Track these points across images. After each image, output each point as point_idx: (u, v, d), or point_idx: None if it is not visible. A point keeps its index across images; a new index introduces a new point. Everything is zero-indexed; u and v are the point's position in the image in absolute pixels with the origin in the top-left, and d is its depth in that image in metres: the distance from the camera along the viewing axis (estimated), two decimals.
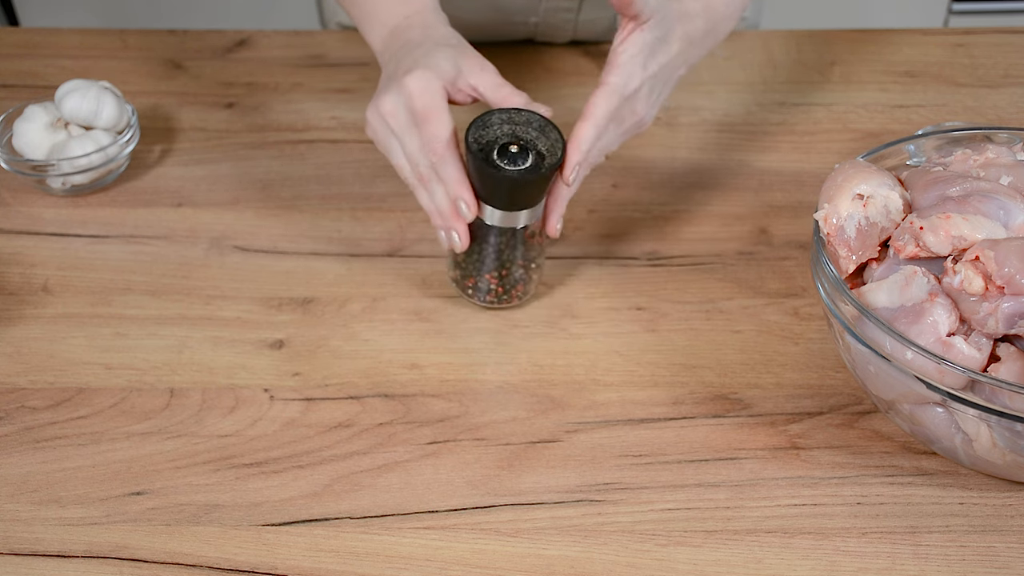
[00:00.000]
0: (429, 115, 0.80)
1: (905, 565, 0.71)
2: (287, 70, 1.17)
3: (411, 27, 0.87)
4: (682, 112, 1.10)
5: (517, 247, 0.86)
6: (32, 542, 0.73)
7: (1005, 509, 0.74)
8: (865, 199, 0.75)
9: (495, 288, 0.87)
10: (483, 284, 0.87)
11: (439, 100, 0.81)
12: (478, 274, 0.87)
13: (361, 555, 0.72)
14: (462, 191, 0.81)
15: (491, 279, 0.87)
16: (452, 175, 0.81)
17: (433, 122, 0.80)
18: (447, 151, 0.80)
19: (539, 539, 0.73)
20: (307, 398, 0.83)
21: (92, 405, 0.82)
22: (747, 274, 0.92)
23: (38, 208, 1.00)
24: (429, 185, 0.82)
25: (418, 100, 0.80)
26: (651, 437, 0.79)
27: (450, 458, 0.78)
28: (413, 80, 0.80)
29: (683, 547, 0.72)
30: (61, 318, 0.89)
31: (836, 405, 0.81)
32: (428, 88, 0.80)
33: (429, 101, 0.80)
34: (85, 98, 0.99)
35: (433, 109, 0.80)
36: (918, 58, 1.17)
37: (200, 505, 0.75)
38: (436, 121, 0.80)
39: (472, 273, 0.87)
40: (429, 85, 0.80)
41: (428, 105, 0.80)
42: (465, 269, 0.88)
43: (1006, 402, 0.66)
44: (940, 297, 0.70)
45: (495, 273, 0.87)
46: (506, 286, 0.87)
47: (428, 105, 0.80)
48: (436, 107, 0.80)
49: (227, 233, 0.97)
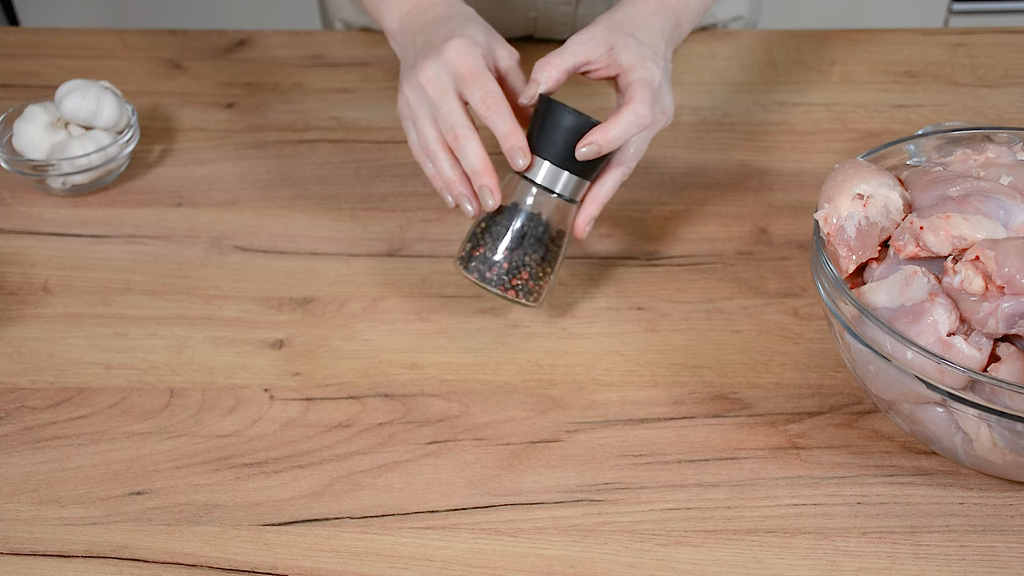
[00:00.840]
0: (476, 74, 0.80)
1: (905, 565, 0.71)
2: (287, 70, 1.17)
3: (435, 4, 0.87)
4: (682, 112, 1.10)
5: (541, 235, 0.83)
6: (32, 542, 0.73)
7: (1005, 509, 0.74)
8: (865, 199, 0.75)
9: (504, 268, 0.83)
10: (494, 259, 0.83)
11: (482, 63, 0.81)
12: (492, 250, 0.83)
13: (361, 555, 0.72)
14: (516, 138, 0.80)
15: (504, 260, 0.83)
16: (505, 127, 0.80)
17: (482, 78, 0.80)
18: (502, 103, 0.80)
19: (539, 539, 0.73)
20: (307, 398, 0.83)
21: (92, 405, 0.82)
22: (747, 274, 0.92)
23: (38, 208, 1.00)
24: (462, 144, 0.80)
25: (462, 63, 0.80)
26: (651, 437, 0.79)
27: (450, 458, 0.78)
28: (453, 47, 0.81)
29: (683, 547, 0.72)
30: (61, 318, 0.89)
31: (836, 405, 0.81)
32: (471, 53, 0.81)
33: (474, 63, 0.81)
34: (85, 98, 0.99)
35: (478, 69, 0.81)
36: (918, 58, 1.17)
37: (200, 505, 0.75)
38: (484, 77, 0.80)
39: (485, 246, 0.83)
40: (471, 51, 0.81)
41: (473, 67, 0.80)
42: (480, 241, 0.83)
43: (1006, 402, 0.66)
44: (940, 297, 0.70)
45: (508, 253, 0.83)
46: (514, 268, 0.83)
47: (473, 67, 0.80)
48: (481, 68, 0.81)
49: (227, 233, 0.97)
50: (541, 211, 0.83)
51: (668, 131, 1.07)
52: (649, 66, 0.83)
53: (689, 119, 1.09)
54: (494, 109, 0.80)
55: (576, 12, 1.15)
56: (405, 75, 0.84)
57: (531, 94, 0.82)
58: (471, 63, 0.81)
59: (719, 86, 1.14)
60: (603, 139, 0.80)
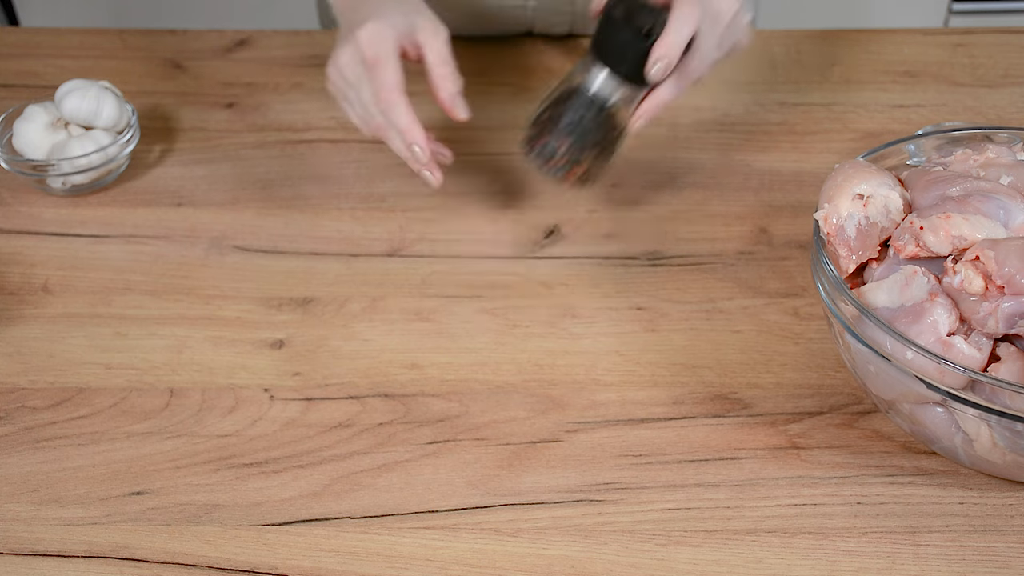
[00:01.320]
0: (378, 61, 0.83)
1: (905, 565, 0.71)
2: (287, 70, 1.17)
3: None
4: (682, 112, 1.10)
5: (600, 127, 0.88)
6: (32, 542, 0.73)
7: (1005, 509, 0.74)
8: (865, 199, 0.75)
9: (563, 153, 0.88)
10: (552, 146, 0.88)
11: (389, 48, 0.83)
12: (552, 136, 0.88)
13: (361, 555, 0.72)
14: (415, 136, 0.84)
15: (560, 144, 0.88)
16: (403, 122, 0.83)
17: (381, 68, 0.83)
18: (396, 96, 0.83)
19: (539, 539, 0.73)
20: (307, 398, 0.83)
21: (92, 405, 0.82)
22: (747, 274, 0.92)
23: (38, 208, 1.00)
24: (387, 133, 0.85)
25: (368, 49, 0.83)
26: (651, 437, 0.79)
27: (450, 458, 0.78)
28: (364, 31, 0.83)
29: (683, 547, 0.72)
30: (61, 318, 0.89)
31: (836, 405, 0.81)
32: (379, 37, 0.83)
33: (379, 49, 0.83)
34: (85, 98, 0.99)
35: (382, 56, 0.83)
36: (918, 58, 1.17)
37: (200, 505, 0.75)
38: (384, 67, 0.83)
39: (546, 133, 0.88)
40: (380, 35, 0.83)
41: (378, 53, 0.83)
42: (542, 128, 0.89)
43: (1006, 402, 0.66)
44: (940, 297, 0.70)
45: (567, 140, 0.88)
46: (572, 156, 0.88)
47: (378, 53, 0.83)
48: (385, 54, 0.83)
49: (227, 233, 0.97)
50: (604, 101, 0.86)
51: (668, 131, 1.07)
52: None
53: (689, 119, 1.09)
54: (387, 103, 0.83)
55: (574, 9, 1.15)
56: (334, 51, 0.87)
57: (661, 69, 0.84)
58: (376, 48, 0.83)
59: (719, 86, 1.14)
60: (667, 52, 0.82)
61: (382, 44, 0.83)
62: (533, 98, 1.12)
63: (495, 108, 1.10)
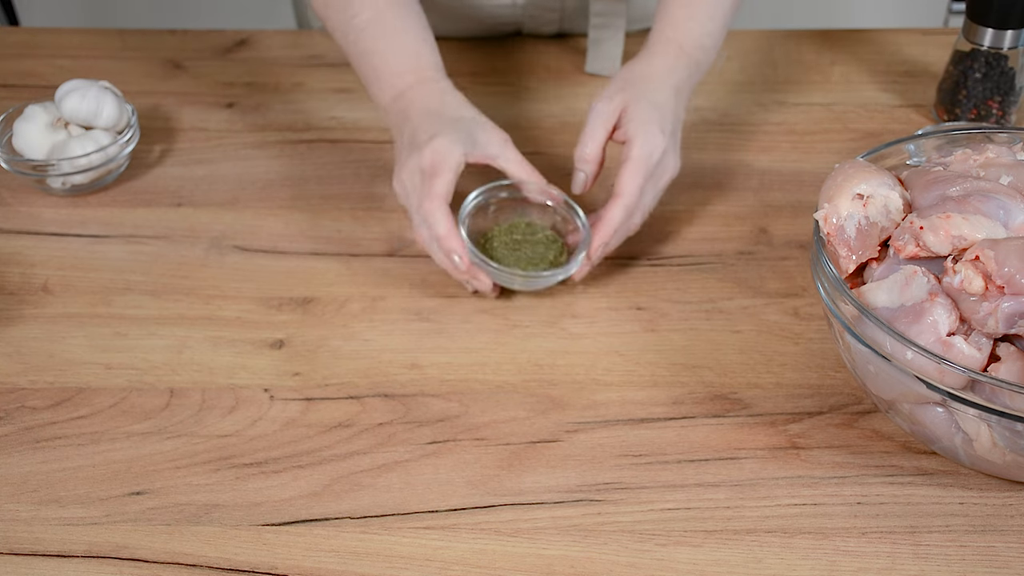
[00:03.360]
0: (436, 172, 0.85)
1: (905, 565, 0.71)
2: (287, 70, 1.17)
3: (429, 92, 0.91)
4: None
5: None
6: (32, 542, 0.73)
7: (1005, 509, 0.74)
8: (865, 199, 0.75)
9: None
10: None
11: (452, 163, 0.86)
12: None
13: (361, 555, 0.72)
14: (453, 244, 0.85)
15: None
16: (441, 229, 0.85)
17: (436, 178, 0.85)
18: (438, 204, 0.85)
19: (539, 539, 0.73)
20: (307, 398, 0.83)
21: (92, 405, 0.82)
22: (747, 274, 0.92)
23: (38, 208, 1.00)
24: (430, 246, 0.87)
25: (429, 160, 0.86)
26: (651, 437, 0.79)
27: (450, 458, 0.78)
28: (431, 146, 0.86)
29: (683, 547, 0.72)
30: (61, 318, 0.89)
31: (836, 405, 0.81)
32: (443, 151, 0.86)
33: (440, 161, 0.85)
34: (85, 98, 0.99)
35: (441, 168, 0.86)
36: (918, 58, 1.17)
37: (200, 505, 0.75)
38: (439, 178, 0.85)
39: None
40: (445, 149, 0.86)
41: (437, 164, 0.85)
42: None
43: (1006, 402, 0.66)
44: (940, 297, 0.70)
45: None
46: None
47: (437, 164, 0.85)
48: (445, 167, 0.85)
49: (227, 233, 0.97)
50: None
51: None
52: (653, 136, 0.88)
53: (689, 119, 1.09)
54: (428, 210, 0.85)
55: (563, 6, 1.15)
56: (397, 165, 0.89)
57: (580, 183, 0.90)
58: (436, 159, 0.86)
59: (719, 86, 1.14)
60: (595, 253, 0.88)
61: (446, 158, 0.86)
62: (532, 97, 1.13)
63: (495, 108, 1.10)
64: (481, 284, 0.87)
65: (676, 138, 0.91)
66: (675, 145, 0.91)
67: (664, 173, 0.90)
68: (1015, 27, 0.98)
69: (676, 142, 0.91)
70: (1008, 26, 0.98)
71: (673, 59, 0.93)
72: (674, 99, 0.91)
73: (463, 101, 0.91)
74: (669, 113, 0.90)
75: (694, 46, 0.94)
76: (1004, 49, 1.00)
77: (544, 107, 1.11)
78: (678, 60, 0.93)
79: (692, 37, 0.94)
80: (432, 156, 0.86)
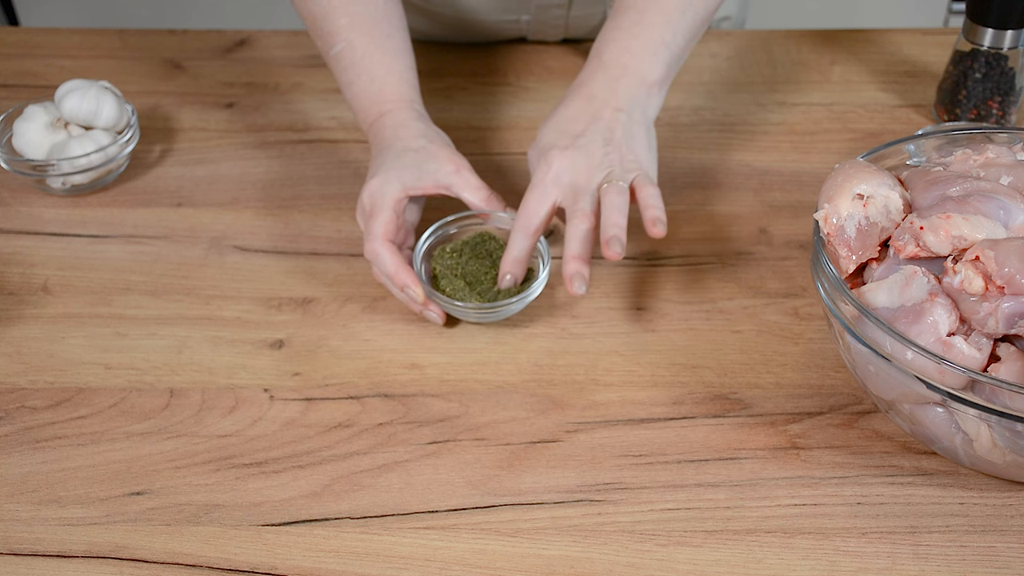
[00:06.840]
0: (372, 214, 0.87)
1: (905, 565, 0.71)
2: (287, 70, 1.17)
3: (384, 127, 0.92)
4: (682, 112, 1.10)
5: None
6: (32, 542, 0.73)
7: (1005, 509, 0.74)
8: (865, 199, 0.75)
9: None
10: None
11: (386, 202, 0.86)
12: None
13: (361, 555, 0.72)
14: (403, 279, 0.85)
15: None
16: (388, 269, 0.85)
17: (373, 219, 0.86)
18: (378, 246, 0.86)
19: (539, 539, 0.73)
20: (307, 398, 0.83)
21: (92, 405, 0.82)
22: (747, 274, 0.92)
23: (38, 208, 1.00)
24: (385, 283, 0.88)
25: (367, 201, 0.87)
26: (651, 437, 0.79)
27: (450, 458, 0.78)
28: (367, 187, 0.88)
29: (683, 547, 0.72)
30: (61, 318, 0.89)
31: (836, 405, 0.81)
32: (378, 191, 0.87)
33: (377, 200, 0.87)
34: (85, 98, 0.99)
35: (376, 208, 0.87)
36: (918, 58, 1.17)
37: (200, 505, 0.75)
38: (375, 219, 0.86)
39: None
40: (379, 189, 0.87)
41: (375, 203, 0.87)
42: None
43: (1006, 402, 0.66)
44: (940, 297, 0.70)
45: None
46: None
47: (375, 203, 0.87)
48: (381, 207, 0.86)
49: (227, 233, 0.97)
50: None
51: (668, 131, 1.07)
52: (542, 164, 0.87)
53: (689, 119, 1.09)
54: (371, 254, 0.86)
55: (568, 14, 1.15)
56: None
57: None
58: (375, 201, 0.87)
59: (719, 86, 1.14)
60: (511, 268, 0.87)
61: (383, 196, 0.87)
62: (532, 97, 1.13)
63: (495, 108, 1.10)
64: (433, 316, 0.87)
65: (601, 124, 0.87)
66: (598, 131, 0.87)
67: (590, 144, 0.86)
68: (1015, 27, 0.98)
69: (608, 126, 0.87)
70: (1008, 26, 0.98)
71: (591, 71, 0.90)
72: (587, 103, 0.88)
73: (419, 132, 0.90)
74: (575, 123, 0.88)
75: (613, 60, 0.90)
76: (1004, 49, 1.00)
77: (544, 107, 1.11)
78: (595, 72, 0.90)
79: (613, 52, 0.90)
80: (370, 197, 0.87)
